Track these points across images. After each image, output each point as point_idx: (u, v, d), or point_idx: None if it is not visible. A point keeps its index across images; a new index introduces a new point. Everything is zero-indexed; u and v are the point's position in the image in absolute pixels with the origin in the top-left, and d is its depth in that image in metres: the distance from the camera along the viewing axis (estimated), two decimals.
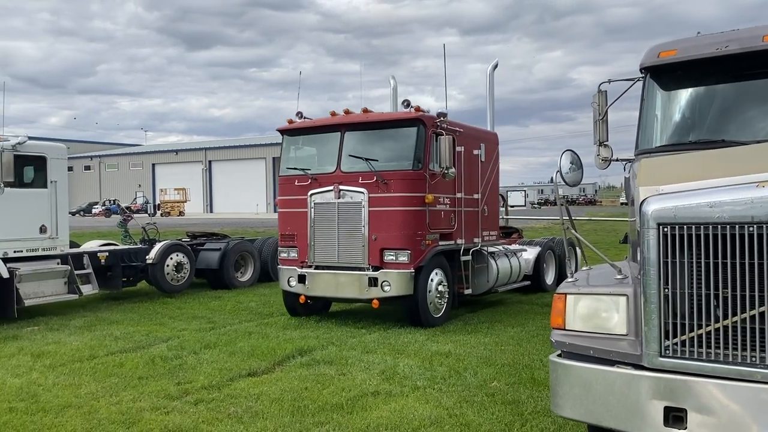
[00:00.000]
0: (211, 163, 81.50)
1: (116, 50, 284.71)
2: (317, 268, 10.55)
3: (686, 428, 3.64)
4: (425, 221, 10.14)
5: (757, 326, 3.58)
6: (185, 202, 72.59)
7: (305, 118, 11.24)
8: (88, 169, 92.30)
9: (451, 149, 10.08)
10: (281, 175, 11.26)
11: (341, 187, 10.30)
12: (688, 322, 3.76)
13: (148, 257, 14.03)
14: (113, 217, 47.07)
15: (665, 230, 3.79)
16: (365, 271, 10.11)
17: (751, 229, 3.54)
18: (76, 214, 66.38)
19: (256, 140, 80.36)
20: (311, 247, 10.57)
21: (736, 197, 3.60)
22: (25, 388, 7.20)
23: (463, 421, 5.91)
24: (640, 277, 4.00)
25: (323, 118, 11.13)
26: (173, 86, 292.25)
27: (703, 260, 3.68)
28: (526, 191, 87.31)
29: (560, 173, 4.92)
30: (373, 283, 10.04)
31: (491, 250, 12.20)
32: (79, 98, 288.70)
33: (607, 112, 5.75)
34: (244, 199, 73.53)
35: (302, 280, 10.64)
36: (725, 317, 3.65)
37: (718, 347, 3.67)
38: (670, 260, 3.79)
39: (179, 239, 16.22)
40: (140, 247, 14.56)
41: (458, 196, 10.97)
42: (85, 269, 12.54)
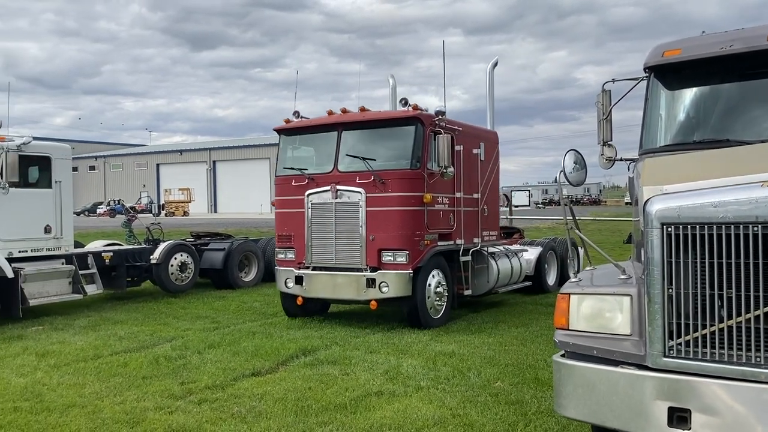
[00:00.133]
0: (215, 163, 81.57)
1: (120, 51, 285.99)
2: (314, 269, 10.43)
3: (690, 429, 3.63)
4: (423, 221, 10.01)
5: (761, 326, 3.57)
6: (189, 202, 72.68)
7: (302, 117, 11.12)
8: (92, 169, 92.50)
9: (449, 148, 9.96)
10: (278, 175, 11.12)
11: (338, 187, 10.17)
12: (692, 322, 3.74)
13: (152, 257, 14.07)
14: (118, 217, 47.13)
15: (669, 230, 3.78)
16: (363, 272, 9.98)
17: (755, 228, 3.53)
18: (80, 214, 66.49)
19: (260, 140, 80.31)
20: (308, 247, 10.45)
21: (740, 197, 3.59)
22: (29, 387, 7.23)
23: (466, 421, 5.90)
24: (644, 277, 3.99)
25: (320, 117, 10.97)
26: (177, 86, 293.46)
27: (707, 260, 3.67)
28: (530, 191, 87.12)
29: (564, 173, 4.92)
30: (370, 284, 9.91)
31: (491, 250, 12.06)
32: (83, 99, 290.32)
33: (611, 111, 5.74)
34: (248, 199, 73.53)
35: (299, 281, 10.52)
36: (729, 317, 3.64)
37: (722, 347, 3.66)
38: (674, 260, 3.78)
39: (183, 239, 16.24)
40: (144, 247, 14.59)
41: (457, 195, 10.83)
42: (89, 269, 12.59)
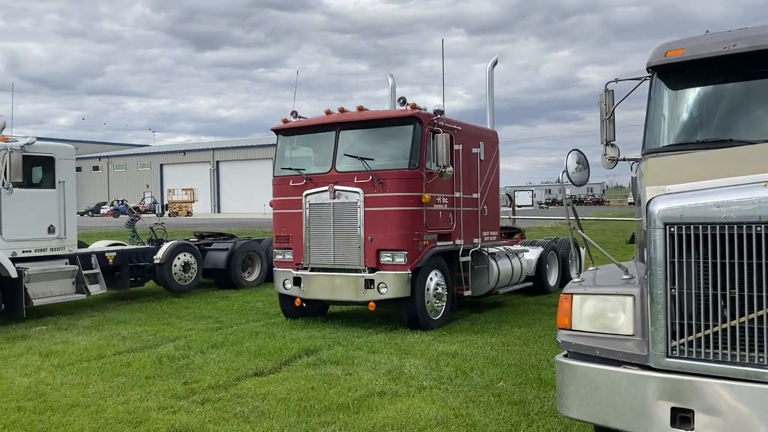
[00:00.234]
0: (218, 163, 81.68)
1: (124, 51, 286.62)
2: (313, 270, 10.33)
3: (693, 429, 3.63)
4: (422, 221, 9.90)
5: (765, 327, 3.56)
6: (193, 202, 72.76)
7: (300, 117, 11.04)
8: (96, 169, 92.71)
9: (448, 147, 9.88)
10: (276, 175, 11.00)
11: (336, 187, 10.08)
12: (695, 322, 3.74)
13: (155, 257, 14.10)
14: (121, 217, 47.24)
15: (672, 230, 3.77)
16: (361, 272, 9.89)
17: (758, 228, 3.52)
18: (84, 214, 66.64)
19: (263, 140, 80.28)
20: (306, 248, 10.35)
21: (743, 197, 3.58)
22: (33, 387, 7.24)
23: (469, 421, 5.90)
24: (646, 277, 3.98)
25: (318, 117, 10.87)
26: (181, 87, 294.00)
27: (710, 260, 3.66)
28: (533, 191, 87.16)
29: (567, 173, 4.90)
30: (369, 285, 9.81)
31: (492, 250, 11.94)
32: (87, 99, 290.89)
33: (614, 111, 5.72)
34: (251, 199, 73.47)
35: (298, 282, 10.43)
36: (732, 318, 3.63)
37: (725, 348, 3.65)
38: (676, 260, 3.77)
39: (187, 239, 16.28)
40: (148, 247, 14.64)
41: (456, 195, 10.72)
42: (93, 269, 12.61)
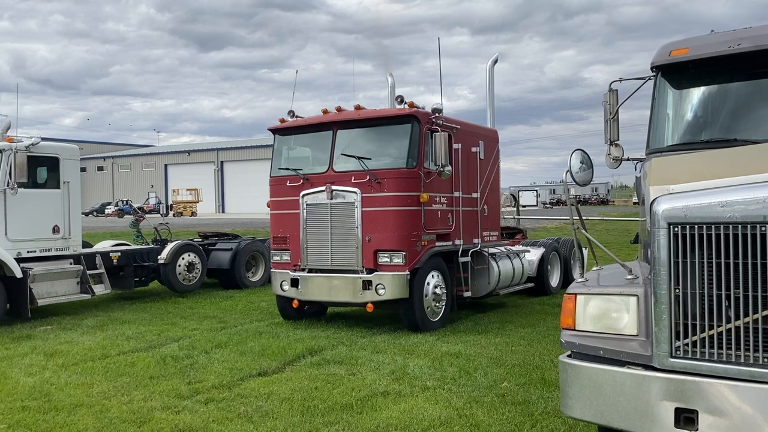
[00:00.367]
0: (223, 163, 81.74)
1: (129, 52, 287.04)
2: (310, 271, 10.23)
3: (697, 430, 3.61)
4: (420, 221, 9.79)
5: None
6: (197, 202, 72.85)
7: (298, 117, 10.93)
8: (101, 169, 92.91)
9: (446, 146, 9.81)
10: (273, 176, 10.89)
11: (333, 187, 9.97)
12: (699, 322, 3.72)
13: (160, 257, 14.13)
14: (126, 217, 47.36)
15: (676, 230, 3.76)
16: (359, 273, 9.78)
17: (763, 228, 3.50)
18: (89, 214, 66.83)
19: (268, 140, 78.49)
20: (304, 249, 10.24)
21: (747, 197, 3.57)
22: (37, 387, 7.27)
23: (472, 421, 5.89)
24: (650, 277, 3.97)
25: (315, 116, 10.76)
26: (185, 87, 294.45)
27: (714, 260, 3.65)
28: (538, 191, 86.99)
29: (570, 173, 4.89)
30: (367, 286, 9.69)
31: (492, 251, 11.81)
32: (92, 99, 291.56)
33: (618, 111, 5.71)
34: (255, 199, 73.07)
35: (295, 283, 10.32)
36: (737, 318, 3.61)
37: (729, 348, 3.64)
38: (680, 260, 3.76)
39: (191, 239, 16.29)
40: (152, 247, 14.66)
41: (456, 195, 10.60)
42: (97, 269, 12.65)
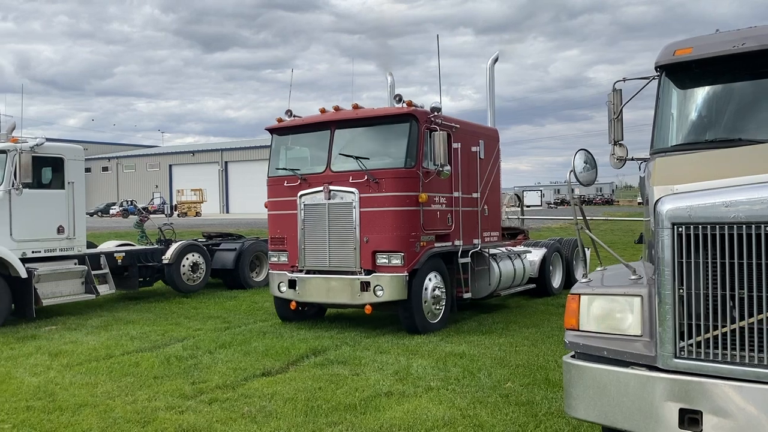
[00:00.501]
0: (227, 164, 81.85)
1: (133, 52, 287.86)
2: (308, 272, 10.11)
3: (701, 430, 3.60)
4: (419, 222, 9.65)
5: None
6: (202, 202, 72.94)
7: (295, 116, 10.84)
8: (105, 170, 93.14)
9: (445, 145, 9.70)
10: (270, 176, 10.81)
11: (331, 187, 9.86)
12: (703, 323, 3.71)
13: (164, 257, 14.16)
14: (130, 217, 47.43)
15: (680, 230, 3.74)
16: (357, 275, 9.66)
17: (767, 228, 3.49)
18: (93, 214, 66.97)
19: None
20: (301, 250, 10.15)
21: (752, 197, 3.55)
22: (42, 386, 7.29)
23: (476, 422, 5.88)
24: (654, 277, 3.96)
25: (312, 116, 10.65)
26: (190, 88, 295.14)
27: (718, 260, 3.63)
28: (542, 191, 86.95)
29: (574, 173, 4.88)
30: (365, 287, 9.57)
31: (493, 251, 11.68)
32: (96, 100, 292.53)
33: (622, 111, 5.69)
34: (260, 199, 72.27)
35: (293, 285, 10.20)
36: (741, 318, 3.60)
37: (734, 349, 3.63)
38: (685, 260, 3.74)
39: (195, 239, 16.32)
40: (156, 247, 14.69)
41: (455, 195, 10.48)
42: (102, 269, 12.67)
